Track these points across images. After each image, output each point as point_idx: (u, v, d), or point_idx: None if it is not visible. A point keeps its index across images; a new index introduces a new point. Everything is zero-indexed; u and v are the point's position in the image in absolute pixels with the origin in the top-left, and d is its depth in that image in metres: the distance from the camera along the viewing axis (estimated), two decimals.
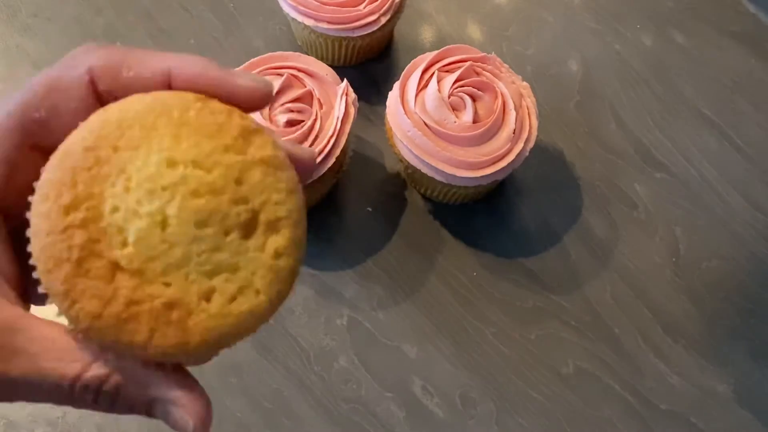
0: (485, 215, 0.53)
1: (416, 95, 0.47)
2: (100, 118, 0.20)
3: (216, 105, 0.21)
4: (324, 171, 0.45)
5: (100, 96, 0.21)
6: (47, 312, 0.21)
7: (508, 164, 0.46)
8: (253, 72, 0.46)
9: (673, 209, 0.53)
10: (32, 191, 0.20)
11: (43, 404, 0.45)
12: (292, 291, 0.21)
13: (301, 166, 0.23)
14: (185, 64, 0.21)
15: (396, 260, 0.51)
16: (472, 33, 0.60)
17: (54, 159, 0.20)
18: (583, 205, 0.53)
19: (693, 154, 0.55)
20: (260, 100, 0.22)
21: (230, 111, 0.21)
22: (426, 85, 0.47)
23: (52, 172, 0.20)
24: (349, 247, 0.51)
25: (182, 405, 0.20)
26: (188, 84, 0.21)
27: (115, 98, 0.21)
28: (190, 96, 0.21)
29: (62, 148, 0.20)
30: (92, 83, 0.21)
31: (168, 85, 0.21)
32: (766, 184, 0.55)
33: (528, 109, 0.48)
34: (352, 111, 0.47)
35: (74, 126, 0.20)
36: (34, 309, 0.22)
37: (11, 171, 0.21)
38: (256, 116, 0.44)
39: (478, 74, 0.48)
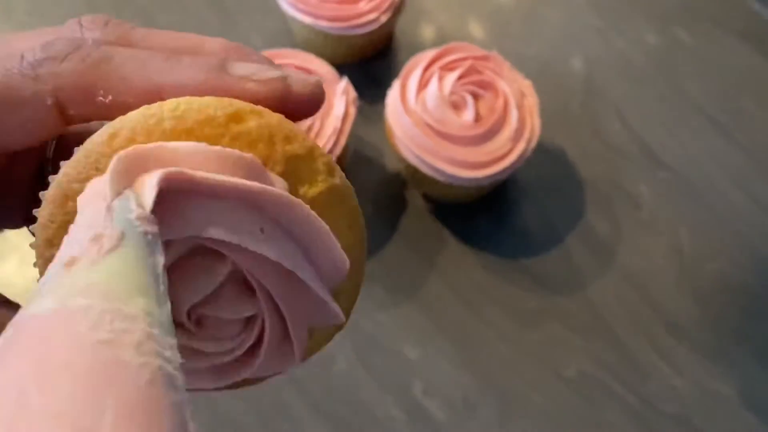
0: (486, 215, 0.52)
1: (417, 94, 0.46)
2: (102, 148, 0.16)
3: (254, 127, 0.16)
4: None
5: (68, 117, 0.17)
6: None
7: (510, 164, 0.46)
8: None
9: (677, 209, 0.53)
10: None
11: None
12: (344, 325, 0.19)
13: (310, 102, 0.18)
14: (181, 79, 0.17)
15: (396, 260, 0.50)
16: (474, 31, 0.59)
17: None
18: (585, 205, 0.53)
19: (698, 153, 0.55)
20: (280, 102, 0.18)
21: (271, 135, 0.17)
22: (427, 84, 0.47)
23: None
24: None
25: None
26: None
27: (87, 120, 0.17)
28: (219, 118, 0.16)
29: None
30: (58, 106, 0.17)
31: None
32: None
33: (530, 108, 0.48)
34: (352, 110, 0.46)
35: (29, 142, 0.17)
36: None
37: None
38: None
39: (479, 72, 0.47)
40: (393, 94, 0.48)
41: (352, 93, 0.47)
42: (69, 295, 0.12)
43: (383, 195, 0.52)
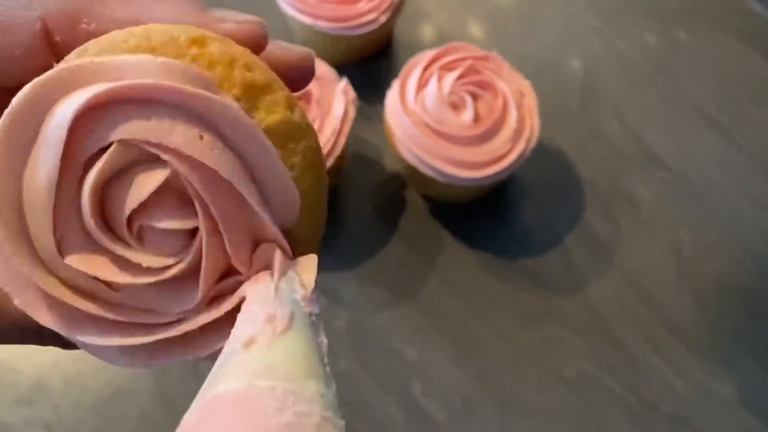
0: (486, 215, 0.52)
1: (416, 94, 0.47)
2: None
3: (215, 51, 0.17)
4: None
5: (53, 45, 0.18)
6: None
7: (509, 164, 0.46)
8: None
9: (676, 209, 0.53)
10: None
11: (39, 407, 0.45)
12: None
13: (297, 72, 0.19)
14: (160, 12, 0.18)
15: (396, 261, 0.50)
16: (473, 31, 0.59)
17: None
18: (585, 206, 0.53)
19: (696, 153, 0.55)
20: (256, 45, 0.18)
21: (232, 60, 0.17)
22: (426, 84, 0.47)
23: None
24: (348, 247, 0.50)
25: None
26: None
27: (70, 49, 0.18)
28: (182, 39, 0.17)
29: None
30: (45, 31, 0.18)
31: None
32: None
33: (529, 108, 0.48)
34: (352, 110, 0.46)
35: (20, 72, 0.18)
36: None
37: None
38: None
39: (478, 73, 0.47)
40: (392, 95, 0.48)
41: (352, 93, 0.47)
42: (254, 375, 0.14)
43: (383, 195, 0.52)
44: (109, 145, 0.16)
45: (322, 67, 0.47)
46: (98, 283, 0.16)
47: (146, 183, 0.16)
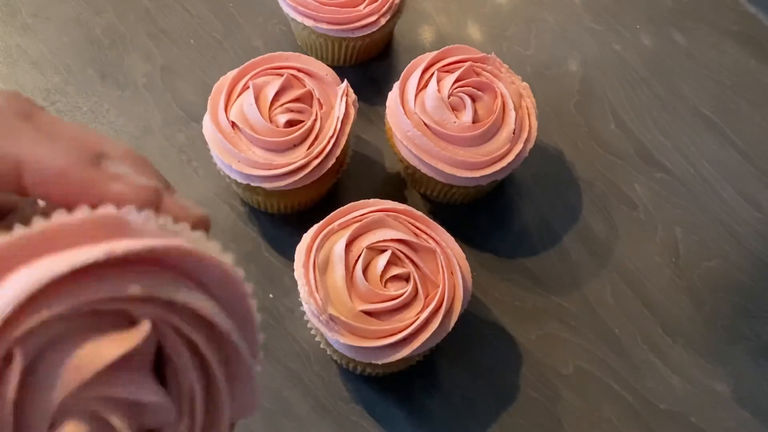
0: (485, 215, 0.53)
1: (416, 95, 0.47)
2: None
3: None
4: (324, 171, 0.45)
5: None
6: None
7: (508, 164, 0.46)
8: (247, 76, 0.46)
9: (672, 209, 0.53)
10: None
11: None
12: None
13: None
14: (44, 157, 0.16)
15: None
16: (472, 33, 0.60)
17: None
18: (582, 205, 0.53)
19: (692, 153, 0.56)
20: (150, 206, 0.17)
21: None
22: (426, 86, 0.47)
23: None
24: None
25: None
26: (42, 186, 0.16)
27: None
28: None
29: None
30: None
31: (19, 182, 0.16)
32: (765, 183, 0.55)
33: (528, 109, 0.48)
34: (352, 111, 0.47)
35: None
36: None
37: None
38: (257, 120, 0.44)
39: (477, 74, 0.48)
40: (393, 96, 0.48)
41: (352, 95, 0.47)
42: None
43: (383, 195, 0.53)
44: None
45: (323, 69, 0.48)
46: None
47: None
